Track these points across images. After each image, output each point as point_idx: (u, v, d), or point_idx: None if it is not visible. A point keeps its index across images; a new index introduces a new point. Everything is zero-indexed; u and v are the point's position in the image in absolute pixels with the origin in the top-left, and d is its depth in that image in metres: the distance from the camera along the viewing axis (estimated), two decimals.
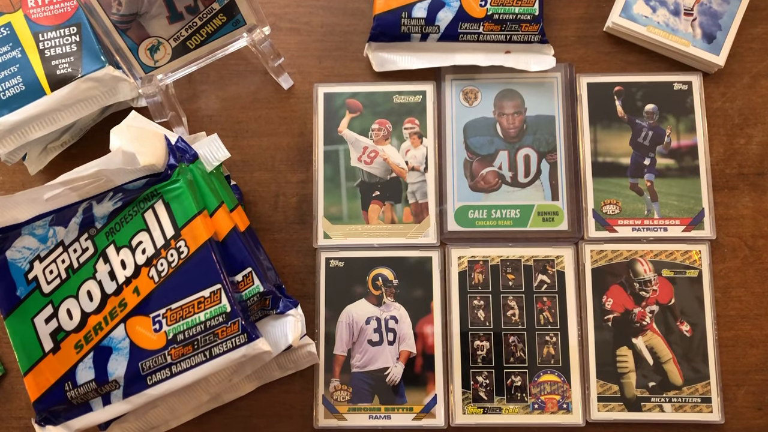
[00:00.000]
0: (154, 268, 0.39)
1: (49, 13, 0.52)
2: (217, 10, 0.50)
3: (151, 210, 0.40)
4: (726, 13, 0.57)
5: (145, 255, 0.39)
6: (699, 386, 0.52)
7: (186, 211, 0.40)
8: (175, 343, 0.38)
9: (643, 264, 0.54)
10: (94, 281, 0.40)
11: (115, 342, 0.38)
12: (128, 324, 0.39)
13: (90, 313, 0.39)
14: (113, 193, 0.40)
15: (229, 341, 0.39)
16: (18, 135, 0.50)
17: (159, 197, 0.40)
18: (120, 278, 0.40)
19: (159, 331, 0.38)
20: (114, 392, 0.39)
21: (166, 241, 0.40)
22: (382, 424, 0.52)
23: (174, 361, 0.38)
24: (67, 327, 0.39)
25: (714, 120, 0.56)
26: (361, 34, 0.58)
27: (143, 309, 0.39)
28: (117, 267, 0.40)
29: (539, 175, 0.55)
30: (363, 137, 0.56)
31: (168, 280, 0.39)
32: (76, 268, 0.40)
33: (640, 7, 0.57)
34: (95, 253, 0.40)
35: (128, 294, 0.39)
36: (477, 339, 0.53)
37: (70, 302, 0.40)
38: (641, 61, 0.58)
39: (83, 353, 0.39)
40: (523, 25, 0.56)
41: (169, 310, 0.39)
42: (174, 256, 0.39)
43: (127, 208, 0.40)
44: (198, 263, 0.39)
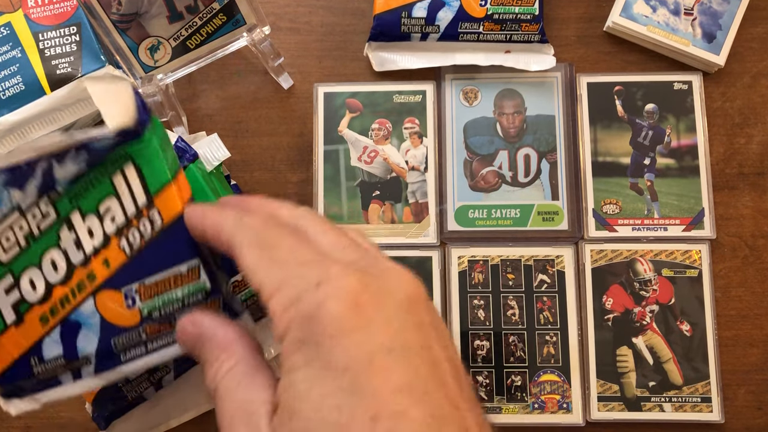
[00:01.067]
0: (126, 238, 0.35)
1: (49, 13, 0.52)
2: (217, 9, 0.50)
3: (120, 173, 0.35)
4: (726, 13, 0.57)
5: (115, 224, 0.35)
6: (699, 386, 0.52)
7: (159, 177, 0.36)
8: (150, 320, 0.35)
9: (643, 264, 0.54)
10: (58, 250, 0.36)
11: (85, 317, 0.35)
12: (98, 298, 0.35)
13: (55, 284, 0.35)
14: (75, 151, 0.35)
15: None
16: (18, 135, 0.50)
17: (129, 159, 0.35)
18: (87, 248, 0.35)
19: (132, 307, 0.35)
20: (85, 368, 0.36)
21: (138, 210, 0.35)
22: None
23: (150, 338, 0.35)
24: (31, 299, 0.35)
25: (714, 120, 0.56)
26: (361, 33, 0.58)
27: (114, 283, 0.35)
28: (83, 235, 0.36)
29: (539, 174, 0.55)
30: (363, 137, 0.56)
31: (141, 252, 0.35)
32: (37, 235, 0.35)
33: (640, 6, 0.57)
34: (57, 219, 0.35)
35: (97, 266, 0.35)
36: (477, 338, 0.53)
37: (32, 272, 0.36)
38: (641, 61, 0.58)
39: (49, 327, 0.35)
40: (523, 24, 0.56)
41: (142, 285, 0.35)
42: (147, 226, 0.35)
43: (93, 170, 0.35)
44: (173, 236, 0.35)
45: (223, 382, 0.25)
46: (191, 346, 0.29)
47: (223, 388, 0.25)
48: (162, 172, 0.36)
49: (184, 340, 0.30)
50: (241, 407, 0.24)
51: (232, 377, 0.25)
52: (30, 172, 0.36)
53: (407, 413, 0.20)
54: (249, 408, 0.24)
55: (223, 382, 0.25)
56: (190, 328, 0.30)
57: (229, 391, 0.25)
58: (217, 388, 0.25)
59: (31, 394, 0.36)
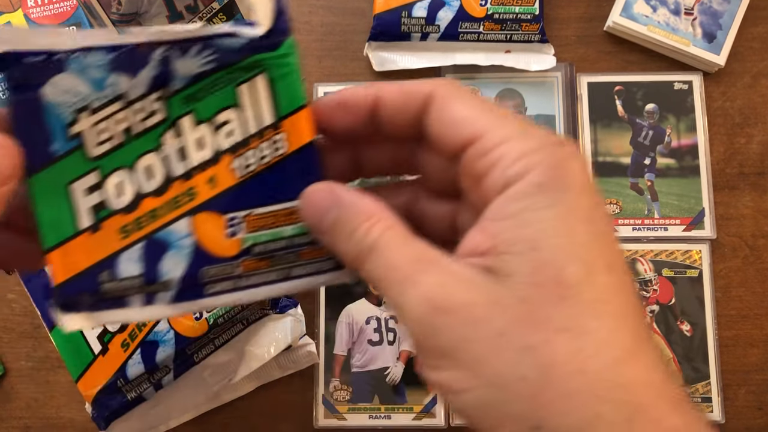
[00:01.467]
0: (241, 159, 0.31)
1: (48, 13, 0.52)
2: (216, 9, 0.50)
3: (248, 84, 0.31)
4: (726, 13, 0.57)
5: (231, 140, 0.31)
6: (699, 386, 0.52)
7: (292, 99, 0.31)
8: (249, 255, 0.31)
9: (643, 264, 0.54)
10: (157, 156, 0.30)
11: (175, 237, 0.31)
12: (195, 220, 0.30)
13: (146, 194, 0.30)
14: (202, 46, 0.30)
15: (314, 264, 0.31)
16: None
17: (261, 70, 0.31)
18: (193, 161, 0.31)
19: (234, 236, 0.31)
20: (162, 293, 0.31)
21: (261, 130, 0.31)
22: (383, 424, 0.52)
23: (244, 274, 0.31)
24: (115, 205, 0.30)
25: (714, 119, 0.56)
26: (361, 33, 0.58)
27: (218, 205, 0.31)
28: (191, 146, 0.31)
29: None
30: None
31: (256, 177, 0.31)
32: (138, 133, 0.30)
33: (641, 6, 0.57)
34: (165, 120, 0.30)
35: (200, 183, 0.31)
36: None
37: (122, 174, 0.30)
38: (642, 61, 0.58)
39: (130, 241, 0.30)
40: (523, 24, 0.56)
41: (251, 215, 0.31)
42: (268, 150, 0.31)
43: (219, 73, 0.30)
44: (297, 166, 0.31)
45: (384, 236, 0.24)
46: (320, 216, 0.27)
47: (386, 241, 0.24)
48: (297, 94, 0.31)
49: (314, 208, 0.27)
50: (420, 255, 0.23)
51: (395, 233, 0.24)
52: (146, 58, 0.31)
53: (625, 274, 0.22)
54: (429, 255, 0.23)
55: (384, 236, 0.24)
56: (324, 194, 0.27)
57: (395, 245, 0.23)
58: (375, 243, 0.24)
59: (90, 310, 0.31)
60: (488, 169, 0.23)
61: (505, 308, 0.21)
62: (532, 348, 0.20)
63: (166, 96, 0.31)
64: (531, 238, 0.21)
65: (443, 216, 0.28)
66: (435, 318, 0.21)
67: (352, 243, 0.25)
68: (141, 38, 0.30)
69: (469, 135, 0.24)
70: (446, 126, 0.25)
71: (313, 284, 0.32)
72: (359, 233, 0.25)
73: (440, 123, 0.25)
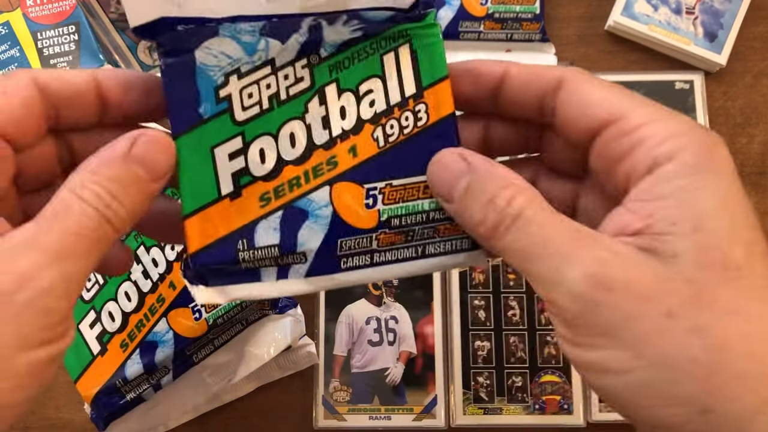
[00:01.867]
0: (382, 128, 0.30)
1: (47, 12, 0.52)
2: None
3: (393, 54, 0.30)
4: (728, 12, 0.57)
5: (374, 109, 0.30)
6: None
7: (435, 69, 0.30)
8: (387, 228, 0.29)
9: None
10: (301, 123, 0.30)
11: (315, 207, 0.29)
12: (335, 189, 0.29)
13: (288, 161, 0.29)
14: (348, 17, 0.29)
15: (450, 242, 0.30)
16: None
17: (407, 40, 0.30)
18: (335, 129, 0.30)
19: (372, 207, 0.30)
20: (295, 266, 0.30)
21: (403, 99, 0.30)
22: (383, 425, 0.52)
23: (380, 248, 0.30)
24: (256, 172, 0.29)
25: (716, 119, 0.56)
26: None
27: (358, 176, 0.30)
28: (334, 114, 0.30)
29: None
30: None
31: (396, 147, 0.30)
32: (283, 99, 0.29)
33: (642, 5, 0.57)
34: (310, 88, 0.30)
35: (342, 152, 0.30)
36: (477, 339, 0.53)
37: (265, 141, 0.29)
38: (643, 60, 0.57)
39: (270, 209, 0.29)
40: (524, 23, 0.55)
41: (389, 186, 0.30)
42: (410, 120, 0.30)
43: (365, 42, 0.30)
44: (437, 137, 0.30)
45: (531, 206, 0.23)
46: (451, 182, 0.26)
47: (534, 212, 0.23)
48: (440, 64, 0.31)
49: (445, 173, 0.27)
50: (576, 231, 0.22)
51: (542, 205, 0.23)
52: (297, 25, 0.30)
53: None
54: (586, 231, 0.22)
55: (531, 206, 0.23)
56: (456, 158, 0.26)
57: (545, 217, 0.23)
58: (522, 212, 0.23)
59: (222, 283, 0.30)
60: (630, 150, 0.23)
61: (673, 288, 0.20)
62: (702, 329, 0.20)
63: (313, 63, 0.30)
64: (692, 218, 0.21)
65: (564, 196, 0.28)
66: (598, 294, 0.21)
67: (491, 211, 0.24)
68: (291, 6, 0.29)
69: (607, 116, 0.24)
70: (580, 108, 0.25)
71: (447, 264, 0.31)
72: (500, 201, 0.23)
73: (573, 105, 0.25)
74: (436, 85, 0.30)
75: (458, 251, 0.31)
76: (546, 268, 0.22)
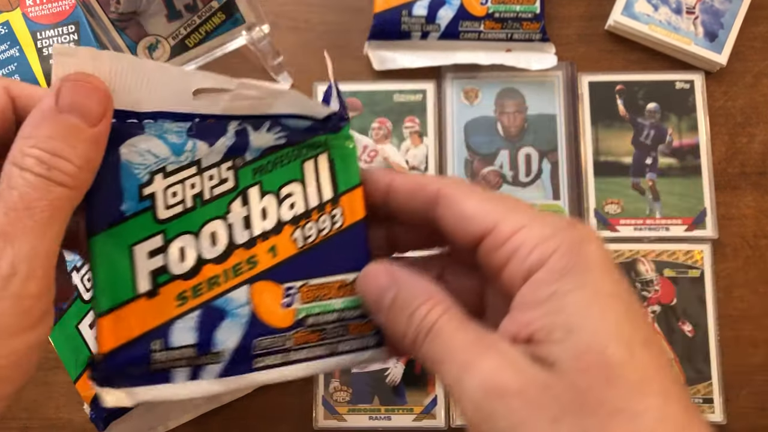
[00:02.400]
0: (301, 230, 0.31)
1: (47, 12, 0.52)
2: (216, 8, 0.50)
3: (312, 161, 0.32)
4: (728, 12, 0.57)
5: (293, 211, 0.31)
6: (701, 387, 0.52)
7: (350, 177, 0.32)
8: (302, 327, 0.30)
9: (644, 264, 0.53)
10: (223, 223, 0.31)
11: (233, 306, 0.30)
12: (254, 288, 0.30)
13: (208, 260, 0.30)
14: (271, 124, 0.31)
15: (359, 340, 0.32)
16: None
17: (325, 149, 0.32)
18: (256, 230, 0.31)
19: (289, 306, 0.31)
20: (209, 367, 0.30)
21: (321, 204, 0.32)
22: (383, 425, 0.52)
23: (294, 347, 0.31)
24: (175, 270, 0.29)
25: (716, 119, 0.56)
26: (360, 32, 0.58)
27: (276, 275, 0.31)
28: (256, 215, 0.31)
29: (540, 174, 0.55)
30: (363, 136, 0.56)
31: (314, 248, 0.31)
32: (207, 199, 0.30)
33: (642, 5, 0.57)
34: (234, 189, 0.31)
35: (262, 251, 0.31)
36: None
37: (186, 239, 0.30)
38: (643, 60, 0.57)
39: (187, 308, 0.30)
40: (524, 23, 0.55)
41: (306, 285, 0.31)
42: (326, 223, 0.32)
43: (288, 149, 0.31)
44: (350, 240, 0.32)
45: (442, 319, 0.24)
46: (379, 295, 0.27)
47: (444, 324, 0.24)
48: (354, 172, 0.33)
49: (371, 288, 0.28)
50: (477, 340, 0.23)
51: (452, 317, 0.24)
52: (223, 129, 0.31)
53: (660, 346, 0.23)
54: (486, 340, 0.23)
55: (442, 319, 0.24)
56: (383, 274, 0.27)
57: (452, 329, 0.24)
58: (434, 325, 0.24)
59: (131, 385, 0.29)
60: (507, 260, 0.24)
61: (557, 395, 0.21)
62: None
63: (238, 166, 0.31)
64: (566, 323, 0.22)
65: (472, 290, 0.29)
66: (493, 402, 0.22)
67: (411, 325, 0.25)
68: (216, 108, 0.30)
69: (482, 229, 0.25)
70: (457, 222, 0.26)
71: (355, 361, 0.33)
72: (418, 315, 0.25)
73: (450, 219, 0.26)
74: (350, 192, 0.32)
75: (366, 349, 0.32)
76: (451, 377, 0.23)
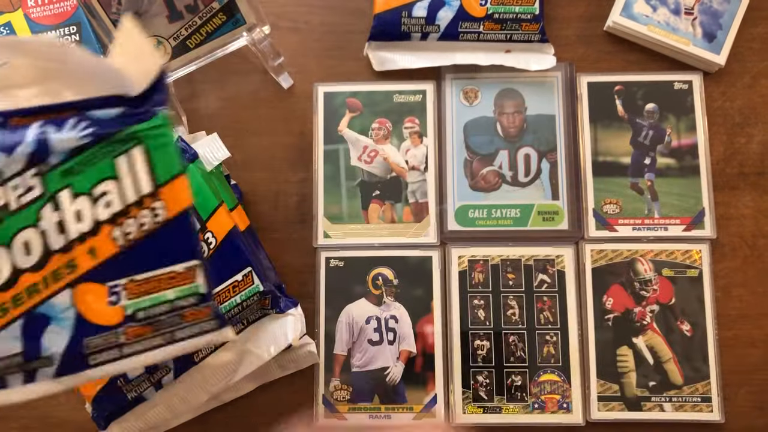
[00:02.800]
0: (120, 228, 0.32)
1: (48, 13, 0.52)
2: (216, 9, 0.50)
3: (125, 156, 0.32)
4: (726, 13, 0.57)
5: (110, 210, 0.32)
6: (699, 386, 0.52)
7: (170, 167, 0.32)
8: (133, 321, 0.31)
9: (643, 263, 0.54)
10: (35, 231, 0.31)
11: (57, 311, 0.31)
12: (77, 291, 0.31)
13: (25, 270, 0.31)
14: (77, 119, 0.31)
15: (196, 326, 0.33)
16: None
17: (138, 142, 0.32)
18: (72, 233, 0.31)
19: (116, 304, 0.31)
20: (43, 369, 0.31)
21: (139, 199, 0.32)
22: (382, 424, 0.52)
23: (128, 342, 0.31)
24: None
25: (714, 119, 0.56)
26: (361, 33, 0.58)
27: (99, 275, 0.32)
28: (70, 218, 0.31)
29: (539, 174, 0.55)
30: (363, 136, 0.56)
31: (135, 245, 0.32)
32: (14, 209, 0.31)
33: (641, 6, 0.57)
34: (43, 196, 0.31)
35: (81, 254, 0.31)
36: (477, 338, 0.53)
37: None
38: (642, 61, 0.58)
39: (9, 319, 0.30)
40: (523, 24, 0.56)
41: (131, 282, 0.32)
42: (147, 218, 0.32)
43: (96, 147, 0.31)
44: (176, 232, 0.32)
45: None
46: None
47: None
48: (174, 161, 0.33)
49: None
50: None
51: None
52: (21, 136, 0.31)
53: None
54: None
55: None
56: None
57: None
58: None
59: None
60: None
61: None
62: None
63: (42, 171, 0.32)
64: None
65: None
66: None
67: None
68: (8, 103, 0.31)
69: None
70: None
71: (198, 344, 0.33)
72: None
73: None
74: (171, 182, 0.32)
75: (204, 333, 0.33)
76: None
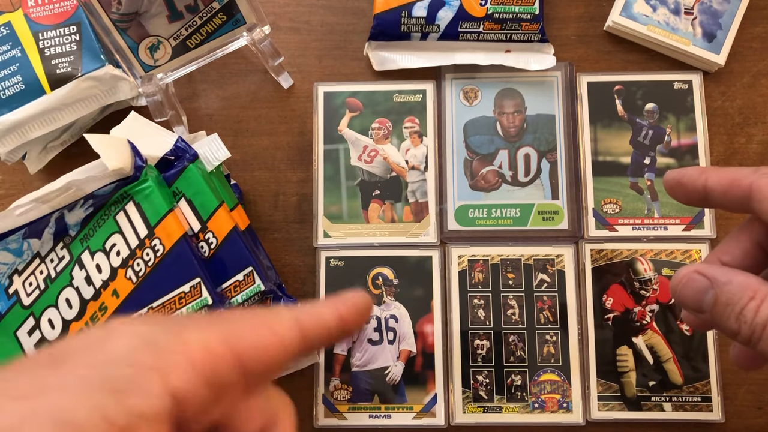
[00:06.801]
0: (131, 268, 0.39)
1: (48, 12, 0.52)
2: (216, 9, 0.50)
3: (122, 212, 0.40)
4: (726, 12, 0.57)
5: (120, 257, 0.39)
6: (699, 385, 0.52)
7: (157, 209, 0.40)
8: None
9: (643, 263, 0.54)
10: (71, 288, 0.40)
11: None
12: None
13: (71, 320, 0.39)
14: (83, 200, 0.40)
15: None
16: (18, 134, 0.50)
17: (129, 199, 0.40)
18: (97, 282, 0.40)
19: None
20: None
21: (140, 241, 0.39)
22: (383, 423, 0.52)
23: None
24: (50, 337, 0.39)
25: (714, 119, 0.56)
26: (361, 33, 0.58)
27: (124, 310, 0.39)
28: (93, 272, 0.40)
29: (539, 174, 0.55)
30: (363, 136, 0.56)
31: (146, 279, 0.39)
32: (54, 277, 0.40)
33: (641, 6, 0.57)
34: (71, 261, 0.40)
35: (107, 297, 0.39)
36: (477, 338, 0.53)
37: (50, 312, 0.40)
38: (641, 60, 0.58)
39: None
40: (523, 24, 0.56)
41: (150, 309, 0.39)
42: (150, 254, 0.39)
43: (99, 213, 0.40)
44: (175, 259, 0.39)
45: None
46: (696, 299, 0.28)
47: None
48: (160, 205, 0.40)
49: (688, 292, 0.29)
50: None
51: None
52: (45, 222, 0.40)
53: None
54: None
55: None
56: (696, 276, 0.28)
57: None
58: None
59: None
60: None
61: None
62: None
63: (67, 243, 0.41)
64: None
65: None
66: None
67: (742, 324, 0.26)
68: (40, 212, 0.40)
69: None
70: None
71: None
72: (748, 314, 0.26)
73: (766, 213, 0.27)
74: (162, 221, 0.40)
75: None
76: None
